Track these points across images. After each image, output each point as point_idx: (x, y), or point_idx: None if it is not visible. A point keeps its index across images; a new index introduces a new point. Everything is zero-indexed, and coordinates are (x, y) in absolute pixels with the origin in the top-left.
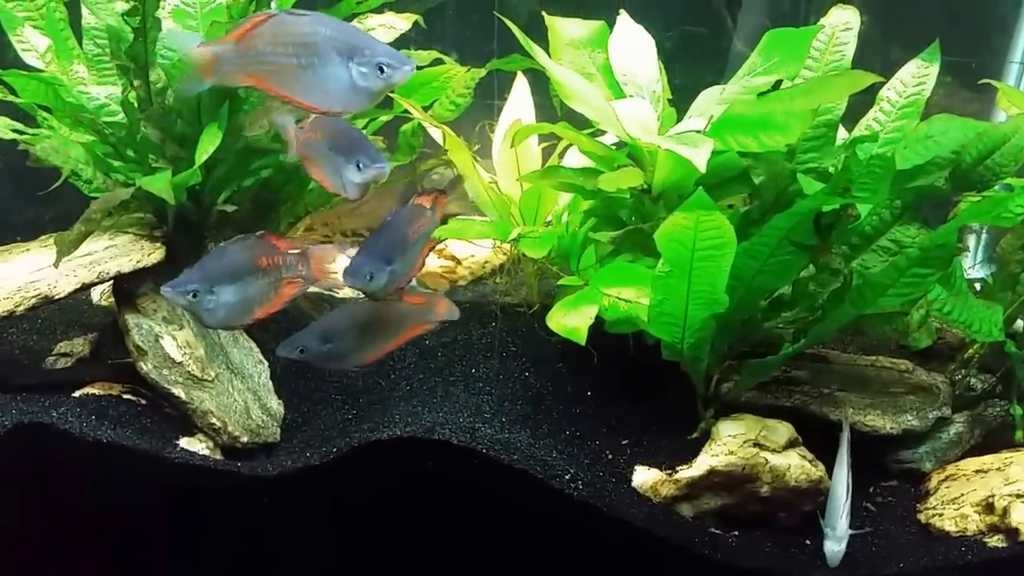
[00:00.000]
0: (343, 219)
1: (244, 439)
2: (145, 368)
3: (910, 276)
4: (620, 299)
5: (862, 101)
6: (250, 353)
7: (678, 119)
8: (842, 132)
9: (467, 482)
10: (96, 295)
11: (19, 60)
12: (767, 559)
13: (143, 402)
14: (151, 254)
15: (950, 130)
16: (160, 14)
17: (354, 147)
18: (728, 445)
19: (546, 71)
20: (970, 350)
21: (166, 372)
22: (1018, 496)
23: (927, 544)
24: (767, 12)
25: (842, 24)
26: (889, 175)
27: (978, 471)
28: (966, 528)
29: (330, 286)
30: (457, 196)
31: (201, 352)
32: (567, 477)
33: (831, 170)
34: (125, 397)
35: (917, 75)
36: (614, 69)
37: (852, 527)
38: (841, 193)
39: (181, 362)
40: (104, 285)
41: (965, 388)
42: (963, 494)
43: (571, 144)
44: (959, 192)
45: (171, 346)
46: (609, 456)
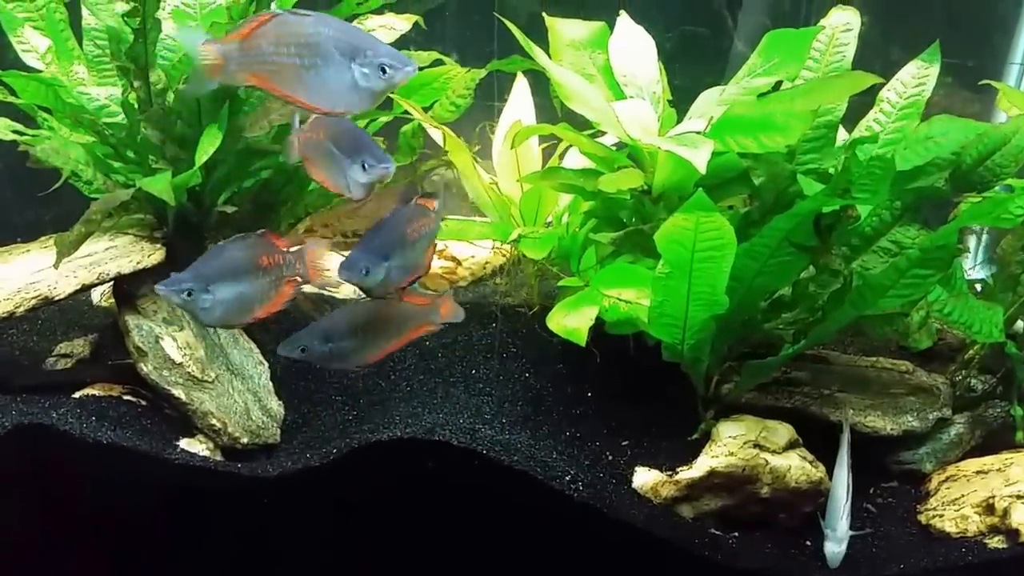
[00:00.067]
0: (343, 220)
1: (244, 440)
2: (145, 369)
3: (910, 277)
4: (620, 300)
5: (862, 102)
6: (250, 354)
7: (678, 120)
8: (842, 133)
9: (467, 483)
10: (96, 296)
11: (19, 61)
12: (767, 560)
13: (143, 403)
14: (151, 255)
15: (950, 131)
16: (160, 15)
17: (359, 147)
18: (728, 446)
19: (546, 72)
20: (970, 351)
21: (166, 373)
22: (1018, 497)
23: (927, 545)
24: (767, 12)
25: (842, 25)
26: (889, 176)
27: (979, 472)
28: (966, 529)
29: (323, 283)
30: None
31: (201, 353)
32: (567, 478)
33: (831, 171)
34: (125, 398)
35: (917, 76)
36: (614, 70)
37: (852, 528)
38: (841, 194)
39: (181, 363)
40: (104, 286)
41: (965, 389)
42: (963, 495)
43: (571, 145)
44: (959, 193)
45: (171, 347)
46: (609, 457)
